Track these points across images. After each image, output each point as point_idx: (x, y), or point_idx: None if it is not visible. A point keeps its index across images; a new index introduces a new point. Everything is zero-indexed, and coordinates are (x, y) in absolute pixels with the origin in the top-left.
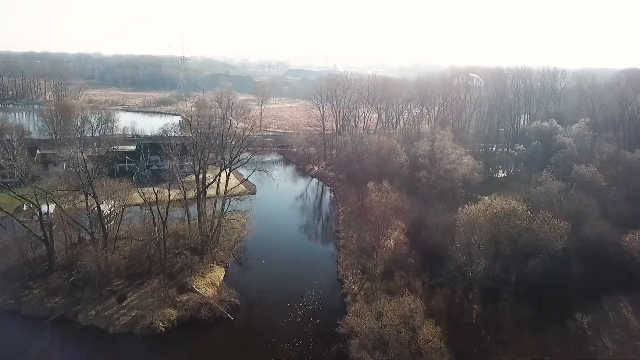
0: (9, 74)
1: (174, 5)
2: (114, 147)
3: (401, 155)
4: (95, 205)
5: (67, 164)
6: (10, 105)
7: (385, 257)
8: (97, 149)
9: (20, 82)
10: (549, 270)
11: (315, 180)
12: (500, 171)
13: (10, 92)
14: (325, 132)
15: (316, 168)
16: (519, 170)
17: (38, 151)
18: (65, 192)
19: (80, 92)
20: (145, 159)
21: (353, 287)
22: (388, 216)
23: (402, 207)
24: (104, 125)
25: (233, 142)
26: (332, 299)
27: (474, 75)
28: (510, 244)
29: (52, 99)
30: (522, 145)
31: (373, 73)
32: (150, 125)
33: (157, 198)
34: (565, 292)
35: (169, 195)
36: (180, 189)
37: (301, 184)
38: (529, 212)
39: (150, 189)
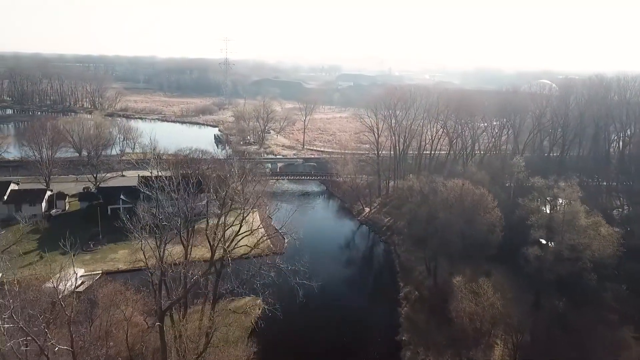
0: (47, 79)
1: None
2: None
3: (493, 211)
4: None
5: None
6: (52, 113)
7: None
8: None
9: (58, 87)
10: None
11: (365, 228)
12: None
13: (52, 98)
14: (381, 153)
15: (367, 209)
16: None
17: (15, 186)
18: None
19: (118, 98)
20: (144, 199)
21: None
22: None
23: (509, 314)
24: (123, 142)
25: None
26: None
27: (547, 81)
28: None
29: (90, 105)
30: None
31: (431, 77)
32: (180, 140)
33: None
34: None
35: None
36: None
37: (345, 234)
38: None
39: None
